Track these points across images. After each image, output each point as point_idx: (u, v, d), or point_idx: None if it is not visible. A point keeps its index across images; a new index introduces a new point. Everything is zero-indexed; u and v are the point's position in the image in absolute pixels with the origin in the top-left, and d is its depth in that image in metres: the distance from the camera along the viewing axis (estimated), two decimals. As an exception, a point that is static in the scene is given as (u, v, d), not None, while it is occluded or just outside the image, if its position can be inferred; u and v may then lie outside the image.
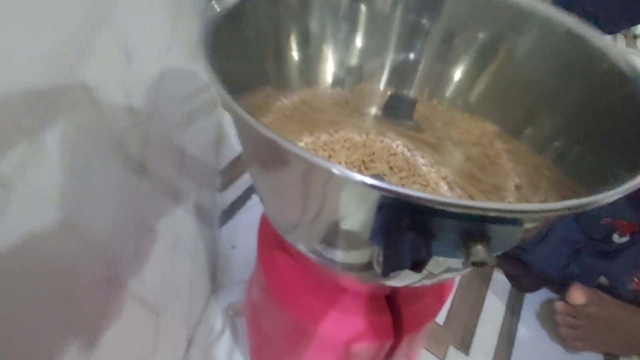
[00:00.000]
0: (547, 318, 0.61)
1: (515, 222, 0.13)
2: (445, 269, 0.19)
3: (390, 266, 0.13)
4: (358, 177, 0.12)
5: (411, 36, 0.33)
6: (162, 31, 0.40)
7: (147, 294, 0.28)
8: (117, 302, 0.23)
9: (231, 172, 0.78)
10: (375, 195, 0.13)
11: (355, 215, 0.16)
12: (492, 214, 0.12)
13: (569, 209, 0.13)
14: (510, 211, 0.13)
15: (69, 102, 0.19)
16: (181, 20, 0.53)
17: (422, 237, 0.13)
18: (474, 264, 0.12)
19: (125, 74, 0.27)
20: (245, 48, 0.26)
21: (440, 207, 0.12)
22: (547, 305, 0.62)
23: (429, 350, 0.57)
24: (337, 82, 0.34)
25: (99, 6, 0.23)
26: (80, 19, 0.21)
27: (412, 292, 0.28)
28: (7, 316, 0.15)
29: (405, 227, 0.12)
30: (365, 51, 0.33)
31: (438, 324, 0.60)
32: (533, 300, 0.64)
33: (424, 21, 0.32)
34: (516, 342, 0.59)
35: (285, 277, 0.28)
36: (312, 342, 0.28)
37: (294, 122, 0.32)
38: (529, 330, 0.61)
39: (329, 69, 0.34)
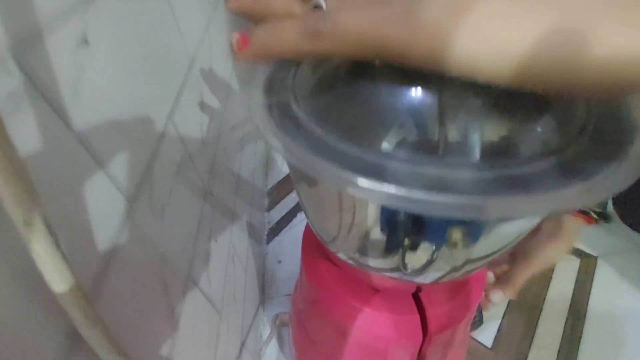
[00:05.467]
0: (611, 345, 0.56)
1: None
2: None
3: (389, 246, 0.18)
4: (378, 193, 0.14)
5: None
6: (225, 74, 0.47)
7: (213, 295, 0.33)
8: (192, 296, 0.28)
9: (277, 193, 0.85)
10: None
11: (373, 218, 0.20)
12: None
13: None
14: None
15: (167, 144, 0.25)
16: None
17: (415, 226, 0.17)
18: (453, 245, 0.16)
19: (200, 118, 0.33)
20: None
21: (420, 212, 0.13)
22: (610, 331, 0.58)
23: (476, 373, 0.55)
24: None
25: (183, 74, 0.31)
26: (175, 84, 0.28)
27: (435, 294, 0.30)
28: (132, 293, 0.20)
29: (401, 220, 0.17)
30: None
31: (485, 346, 0.58)
32: (593, 325, 0.59)
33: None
34: (575, 371, 0.55)
35: (327, 280, 0.32)
36: (351, 339, 0.30)
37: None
38: (590, 357, 0.56)
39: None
